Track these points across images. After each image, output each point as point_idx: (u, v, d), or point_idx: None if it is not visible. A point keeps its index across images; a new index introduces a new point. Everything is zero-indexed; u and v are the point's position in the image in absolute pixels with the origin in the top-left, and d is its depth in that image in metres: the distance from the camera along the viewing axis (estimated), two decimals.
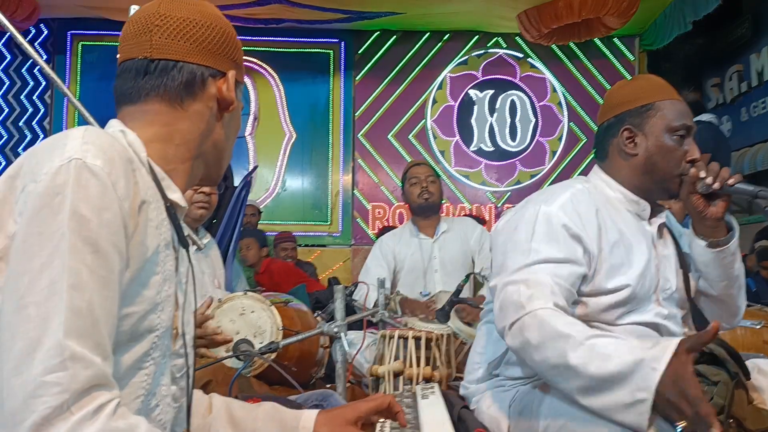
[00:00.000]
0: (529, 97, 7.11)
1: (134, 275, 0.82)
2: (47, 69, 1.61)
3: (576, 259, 1.39)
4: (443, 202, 3.60)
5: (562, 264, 1.37)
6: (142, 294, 0.83)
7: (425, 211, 3.15)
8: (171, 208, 0.91)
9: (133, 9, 1.16)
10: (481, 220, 5.56)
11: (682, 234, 1.67)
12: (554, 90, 7.13)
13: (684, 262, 1.61)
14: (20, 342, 0.71)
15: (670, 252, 1.58)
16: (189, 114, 0.96)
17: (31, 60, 6.45)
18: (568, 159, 7.08)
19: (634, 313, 1.47)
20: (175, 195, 0.93)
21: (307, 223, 6.90)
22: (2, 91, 6.70)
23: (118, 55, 0.99)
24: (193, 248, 2.13)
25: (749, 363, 1.39)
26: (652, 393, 1.08)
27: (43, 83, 6.71)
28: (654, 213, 1.58)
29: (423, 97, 7.03)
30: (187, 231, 1.95)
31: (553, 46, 6.83)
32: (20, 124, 6.71)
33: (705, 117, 3.95)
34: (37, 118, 6.74)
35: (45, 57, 6.57)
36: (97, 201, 0.76)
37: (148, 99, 0.95)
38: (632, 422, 1.12)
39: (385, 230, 4.97)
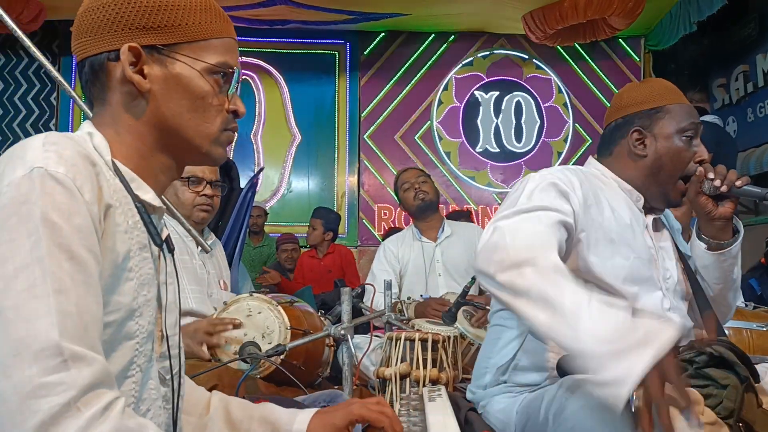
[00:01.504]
0: (535, 98, 7.10)
1: (106, 282, 0.80)
2: (53, 71, 1.62)
3: (563, 210, 1.38)
4: (440, 201, 3.59)
5: (550, 210, 1.35)
6: (116, 302, 0.81)
7: (424, 212, 3.16)
8: (142, 208, 0.87)
9: None
10: (467, 213, 5.56)
11: (678, 230, 1.67)
12: (559, 91, 7.12)
13: (682, 256, 1.61)
14: (4, 346, 0.68)
15: (667, 245, 1.59)
16: (114, 108, 0.90)
17: (37, 62, 6.46)
18: (574, 160, 7.06)
19: (644, 295, 1.47)
20: (148, 195, 0.90)
21: None
22: (8, 92, 6.73)
23: None
24: (197, 249, 2.15)
25: (759, 367, 1.38)
26: (632, 386, 1.01)
27: (49, 85, 6.73)
28: (649, 211, 1.58)
29: (429, 98, 7.03)
30: (194, 233, 1.97)
31: (558, 47, 6.82)
32: (27, 125, 6.74)
33: (708, 117, 3.94)
34: (43, 120, 6.77)
35: (50, 59, 6.59)
36: (66, 207, 0.74)
37: (92, 104, 0.93)
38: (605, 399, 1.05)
39: (391, 232, 5.00)
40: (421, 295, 3.00)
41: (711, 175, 1.47)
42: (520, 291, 1.19)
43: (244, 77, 6.78)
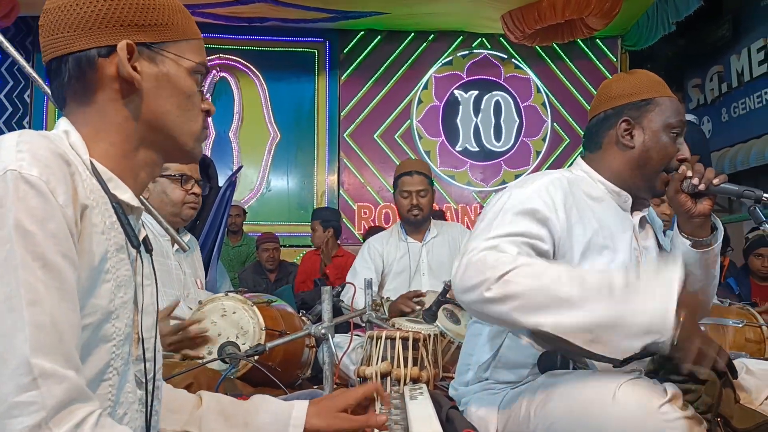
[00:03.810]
0: (514, 98, 7.14)
1: (83, 285, 0.78)
2: (27, 67, 1.58)
3: (539, 236, 1.39)
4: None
5: (524, 237, 1.37)
6: (92, 304, 0.80)
7: (414, 225, 3.16)
8: (119, 208, 0.86)
9: None
10: (440, 213, 5.56)
11: (662, 227, 1.68)
12: (538, 90, 7.17)
13: (664, 254, 1.63)
14: None
15: (650, 244, 1.60)
16: (100, 106, 0.89)
17: (10, 58, 6.34)
18: (552, 159, 7.12)
19: None
20: (125, 195, 0.89)
21: (293, 223, 6.86)
22: None
23: None
24: (175, 248, 2.12)
25: (737, 362, 1.40)
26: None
27: (23, 82, 6.61)
28: (636, 206, 1.59)
29: (408, 97, 7.04)
30: (171, 231, 1.94)
31: (537, 47, 6.87)
32: None
33: (688, 117, 4.00)
34: (16, 118, 6.65)
35: (24, 55, 6.47)
36: (39, 213, 0.73)
37: (65, 103, 0.91)
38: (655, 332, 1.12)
39: (371, 230, 4.98)
40: None
41: (689, 173, 1.49)
42: (513, 295, 1.21)
43: (222, 75, 6.76)
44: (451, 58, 7.13)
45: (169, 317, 1.89)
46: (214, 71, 6.69)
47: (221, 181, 3.09)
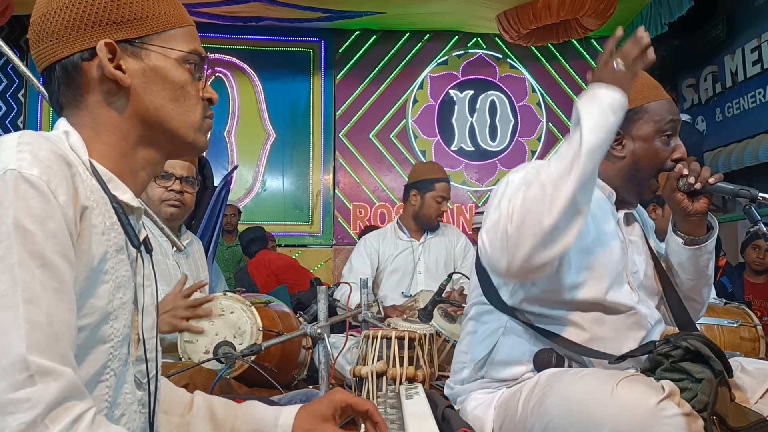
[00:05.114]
0: (509, 98, 7.15)
1: (81, 286, 0.78)
2: (21, 66, 1.58)
3: None
4: None
5: None
6: (91, 305, 0.80)
7: (426, 225, 3.20)
8: (119, 209, 0.86)
9: None
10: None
11: (653, 227, 1.68)
12: (533, 90, 7.18)
13: (653, 253, 1.62)
14: None
15: (636, 239, 1.60)
16: (92, 108, 0.89)
17: (4, 58, 6.32)
18: (547, 159, 7.13)
19: (615, 290, 1.47)
20: (126, 195, 0.88)
21: (288, 222, 6.87)
22: None
23: None
24: (172, 249, 2.11)
25: (733, 361, 1.40)
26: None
27: (17, 81, 6.59)
28: (622, 204, 1.59)
29: (404, 96, 7.04)
30: (167, 231, 1.93)
31: (532, 47, 6.88)
32: None
33: (683, 117, 4.01)
34: (10, 117, 6.62)
35: (19, 54, 6.44)
36: (39, 212, 0.73)
37: (62, 109, 0.91)
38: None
39: (367, 230, 4.98)
40: (402, 293, 3.01)
41: (685, 172, 1.49)
42: (524, 213, 1.27)
43: (217, 74, 6.74)
44: (446, 57, 7.14)
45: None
46: (210, 70, 6.67)
47: (216, 181, 3.08)
